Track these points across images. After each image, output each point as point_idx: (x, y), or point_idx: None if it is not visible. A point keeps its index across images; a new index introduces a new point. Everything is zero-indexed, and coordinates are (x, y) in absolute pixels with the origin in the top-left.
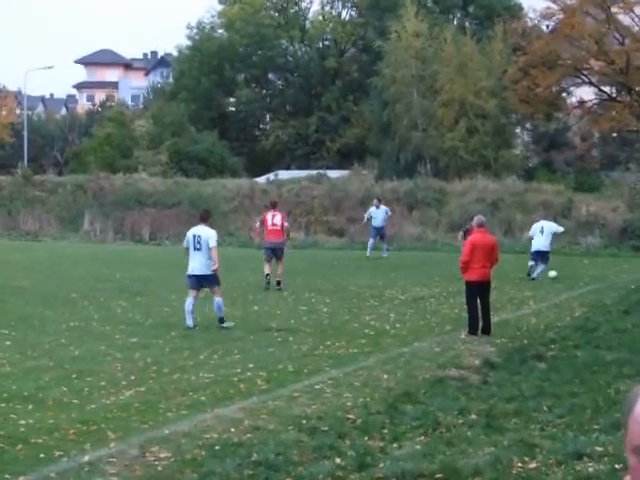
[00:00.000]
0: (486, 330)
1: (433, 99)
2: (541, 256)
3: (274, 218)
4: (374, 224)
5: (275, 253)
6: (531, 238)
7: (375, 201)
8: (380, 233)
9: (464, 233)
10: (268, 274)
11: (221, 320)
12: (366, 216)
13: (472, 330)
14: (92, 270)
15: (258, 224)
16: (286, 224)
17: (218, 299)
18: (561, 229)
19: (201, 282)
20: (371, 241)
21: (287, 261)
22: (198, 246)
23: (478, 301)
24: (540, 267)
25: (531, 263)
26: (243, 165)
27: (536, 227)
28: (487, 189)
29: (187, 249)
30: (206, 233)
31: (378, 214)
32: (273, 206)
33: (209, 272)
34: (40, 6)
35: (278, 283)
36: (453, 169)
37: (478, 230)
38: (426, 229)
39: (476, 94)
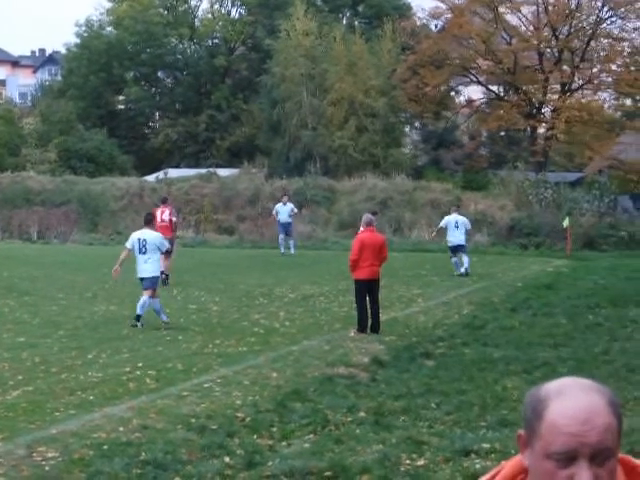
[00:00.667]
0: (375, 328)
1: (323, 98)
2: (461, 249)
3: (163, 214)
4: (280, 220)
5: None
6: (441, 228)
7: (285, 198)
8: (285, 229)
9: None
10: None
11: (137, 318)
12: (273, 212)
13: (361, 328)
14: None
15: None
16: (174, 219)
17: (145, 298)
18: (469, 226)
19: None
20: (280, 237)
21: (176, 259)
22: (144, 250)
23: (367, 299)
24: (466, 259)
25: (454, 259)
26: (132, 163)
27: (449, 221)
28: (376, 187)
29: (129, 250)
30: (152, 237)
31: (284, 210)
32: (163, 202)
33: (150, 275)
34: None
35: (167, 277)
36: (343, 168)
37: (367, 229)
38: (316, 227)
39: (365, 93)
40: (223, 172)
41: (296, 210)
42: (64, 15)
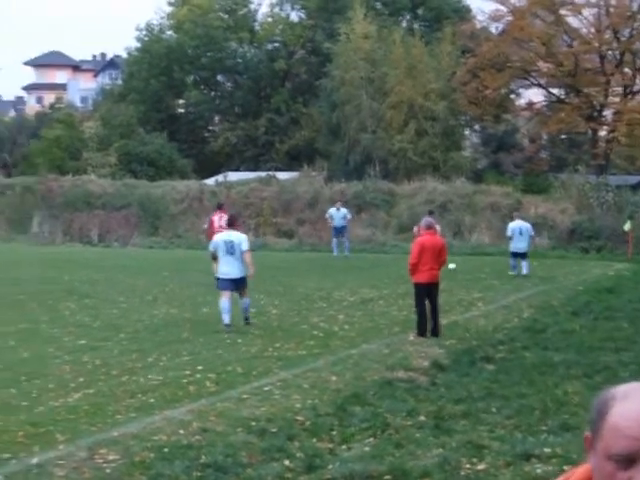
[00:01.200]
0: (435, 332)
1: (382, 101)
2: (521, 256)
3: (221, 220)
4: (334, 224)
5: None
6: (509, 238)
7: (338, 203)
8: (339, 233)
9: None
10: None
11: (247, 319)
12: (327, 215)
13: (421, 332)
14: (40, 272)
15: (206, 226)
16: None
17: (246, 300)
18: (533, 232)
19: (233, 285)
20: (333, 240)
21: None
22: (232, 250)
23: (427, 303)
24: (525, 263)
25: (512, 262)
26: (192, 167)
27: (514, 229)
28: (436, 191)
29: (214, 253)
30: (238, 238)
31: (337, 215)
32: (219, 208)
33: (243, 275)
34: None
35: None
36: (402, 171)
37: (427, 232)
38: (375, 231)
39: (425, 96)
40: (283, 175)
41: (350, 216)
42: (125, 19)
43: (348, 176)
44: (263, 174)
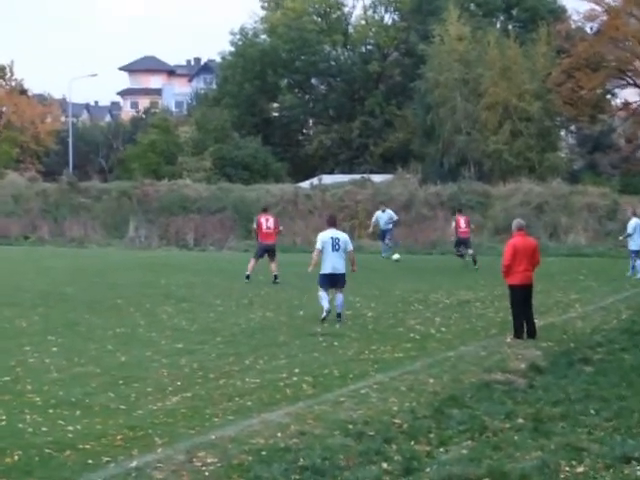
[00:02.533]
0: (531, 333)
1: (477, 102)
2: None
3: (268, 222)
4: (381, 227)
5: (269, 253)
6: (628, 236)
7: (382, 206)
8: (384, 235)
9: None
10: (249, 275)
11: (339, 315)
12: (373, 221)
13: (517, 334)
14: (137, 276)
15: (255, 226)
16: (281, 227)
17: (341, 296)
18: None
19: (335, 280)
20: (381, 242)
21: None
22: (337, 247)
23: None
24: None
25: (634, 262)
26: (287, 170)
27: (635, 225)
28: (532, 192)
29: (320, 251)
30: (343, 236)
31: (382, 217)
32: (264, 211)
33: (344, 271)
34: (84, 14)
35: (275, 277)
36: (497, 172)
37: (518, 233)
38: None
39: (520, 97)
40: (377, 178)
41: (396, 217)
42: (219, 24)
43: (443, 178)
44: (357, 177)
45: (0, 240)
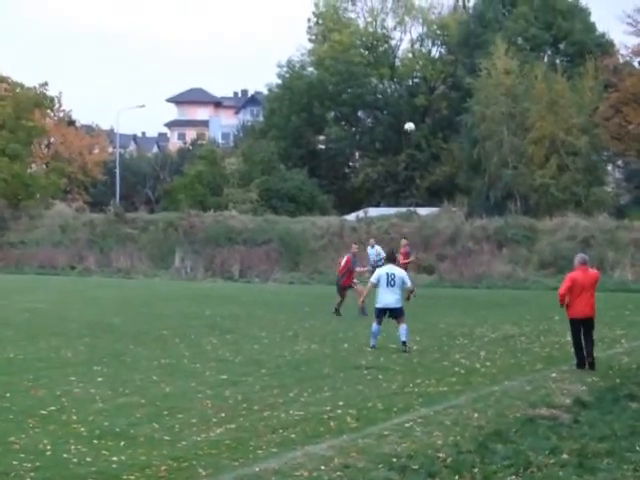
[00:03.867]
0: (591, 365)
1: (523, 136)
2: None
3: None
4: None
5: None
6: None
7: (372, 240)
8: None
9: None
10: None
11: (404, 343)
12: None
13: (579, 364)
14: (182, 307)
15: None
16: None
17: (404, 325)
18: None
19: (392, 314)
20: None
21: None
22: (392, 283)
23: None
24: None
25: None
26: (332, 203)
27: None
28: (578, 227)
29: (374, 285)
30: (399, 272)
31: (371, 254)
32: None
33: (399, 306)
34: (132, 47)
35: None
36: (543, 206)
37: (580, 268)
38: (516, 267)
39: (567, 131)
40: (423, 211)
41: (383, 254)
42: (266, 56)
43: (489, 212)
44: (403, 209)
45: (47, 270)
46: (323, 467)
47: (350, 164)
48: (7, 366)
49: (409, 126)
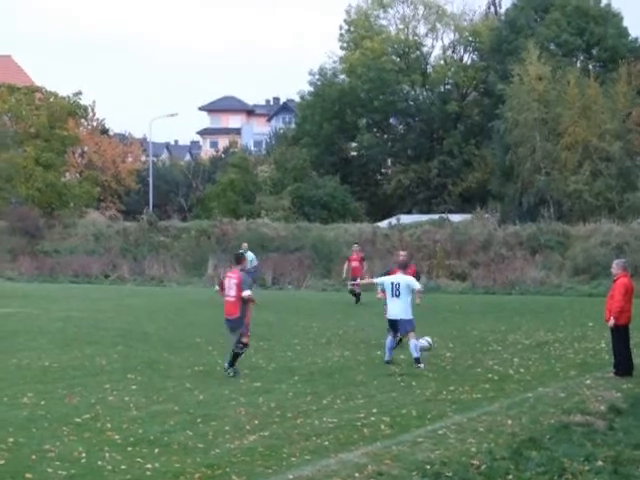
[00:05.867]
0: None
1: (556, 142)
2: None
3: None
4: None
5: None
6: None
7: (244, 245)
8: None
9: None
10: None
11: (417, 360)
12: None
13: (624, 371)
14: (215, 315)
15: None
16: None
17: (413, 341)
18: None
19: (396, 326)
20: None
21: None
22: (397, 293)
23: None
24: None
25: None
26: (365, 209)
27: None
28: (611, 232)
29: (375, 285)
30: (404, 280)
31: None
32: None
33: (406, 317)
34: (164, 56)
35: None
36: (577, 212)
37: (624, 274)
38: (549, 273)
39: (600, 137)
40: (455, 217)
41: (256, 262)
42: (297, 64)
43: (521, 218)
44: (436, 216)
45: (81, 278)
46: (357, 474)
47: (382, 171)
48: (42, 374)
49: None
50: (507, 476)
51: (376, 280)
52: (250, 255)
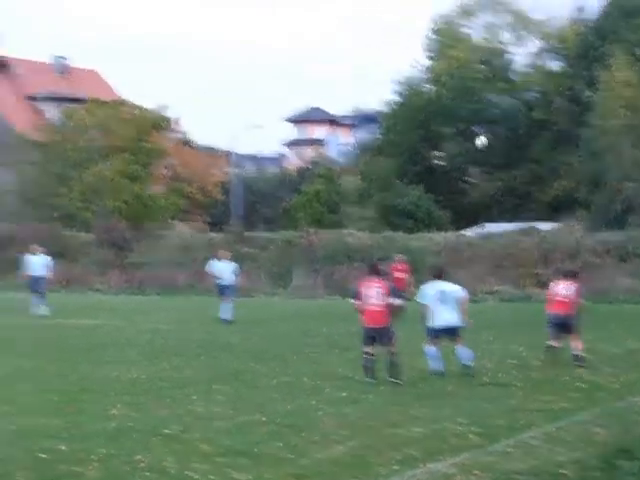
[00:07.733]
0: None
1: None
2: None
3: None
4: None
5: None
6: None
7: (224, 252)
8: (223, 291)
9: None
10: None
11: (468, 367)
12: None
13: None
14: (300, 325)
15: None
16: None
17: (460, 347)
18: None
19: (448, 333)
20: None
21: (497, 314)
22: (444, 299)
23: None
24: None
25: None
26: (449, 218)
27: None
28: None
29: (426, 305)
30: (450, 287)
31: (224, 268)
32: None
33: (457, 324)
34: (250, 71)
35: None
36: None
37: None
38: (638, 282)
39: None
40: (543, 226)
41: (238, 272)
42: (381, 74)
43: (609, 226)
44: (522, 225)
45: (167, 290)
46: None
47: (467, 179)
48: (131, 386)
49: (481, 141)
50: None
51: (419, 300)
52: (233, 265)
